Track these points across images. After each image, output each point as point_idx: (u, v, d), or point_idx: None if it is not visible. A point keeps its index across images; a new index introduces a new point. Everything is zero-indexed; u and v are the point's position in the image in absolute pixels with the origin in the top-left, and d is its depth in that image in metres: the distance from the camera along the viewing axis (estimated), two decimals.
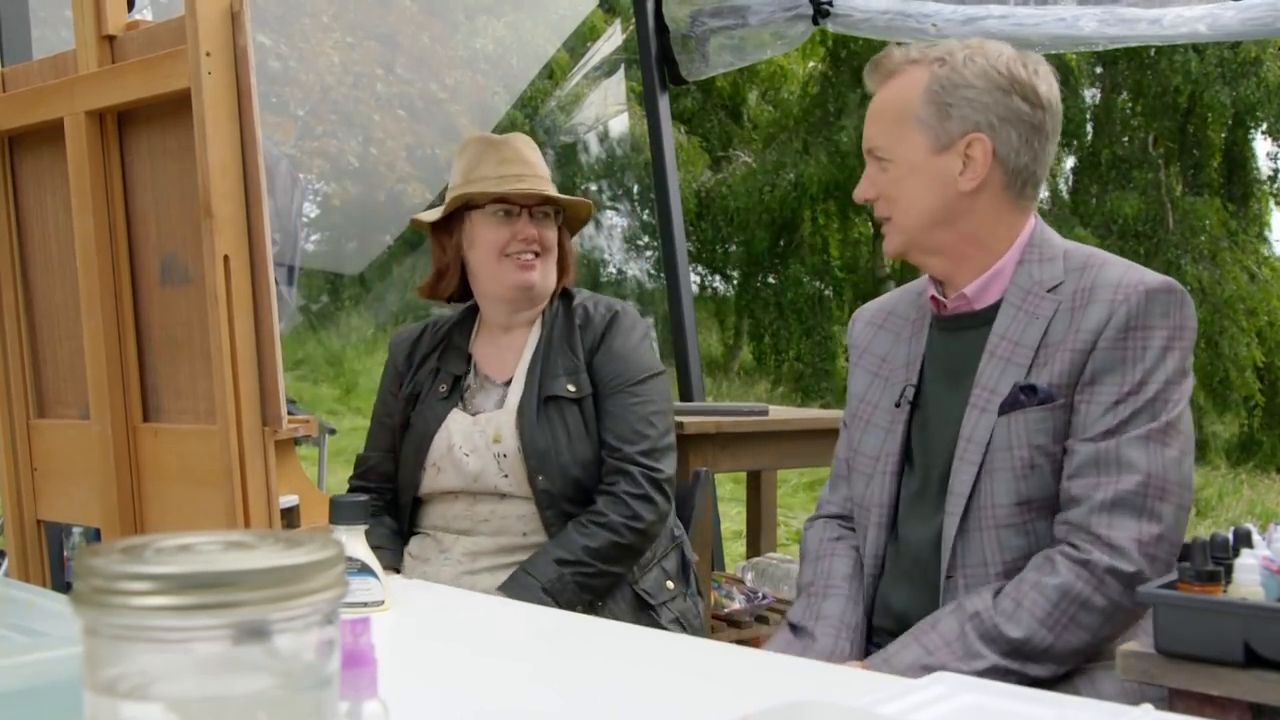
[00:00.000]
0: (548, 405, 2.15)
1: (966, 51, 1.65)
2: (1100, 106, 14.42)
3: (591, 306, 2.27)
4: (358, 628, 0.76)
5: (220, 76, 1.53)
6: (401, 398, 2.30)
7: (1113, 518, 1.53)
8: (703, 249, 14.95)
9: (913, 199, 1.68)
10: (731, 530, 6.00)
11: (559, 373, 2.18)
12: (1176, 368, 1.57)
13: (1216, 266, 13.08)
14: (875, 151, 1.71)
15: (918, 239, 1.70)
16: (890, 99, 1.70)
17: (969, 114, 1.63)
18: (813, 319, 14.16)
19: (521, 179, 2.18)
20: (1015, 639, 1.52)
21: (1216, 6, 3.36)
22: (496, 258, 2.20)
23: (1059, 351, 1.59)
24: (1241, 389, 12.76)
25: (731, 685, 1.20)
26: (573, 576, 2.03)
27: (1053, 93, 1.67)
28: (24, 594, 1.04)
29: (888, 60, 1.71)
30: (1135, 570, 1.52)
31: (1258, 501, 10.26)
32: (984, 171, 1.64)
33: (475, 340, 2.31)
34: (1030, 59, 1.67)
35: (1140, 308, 1.56)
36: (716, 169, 14.76)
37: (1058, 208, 14.37)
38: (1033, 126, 1.65)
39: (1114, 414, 1.55)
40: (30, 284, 1.90)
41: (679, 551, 2.29)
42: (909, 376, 1.74)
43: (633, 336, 2.24)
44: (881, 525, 1.73)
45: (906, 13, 3.84)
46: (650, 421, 2.17)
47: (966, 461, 1.62)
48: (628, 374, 2.19)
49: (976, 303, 1.69)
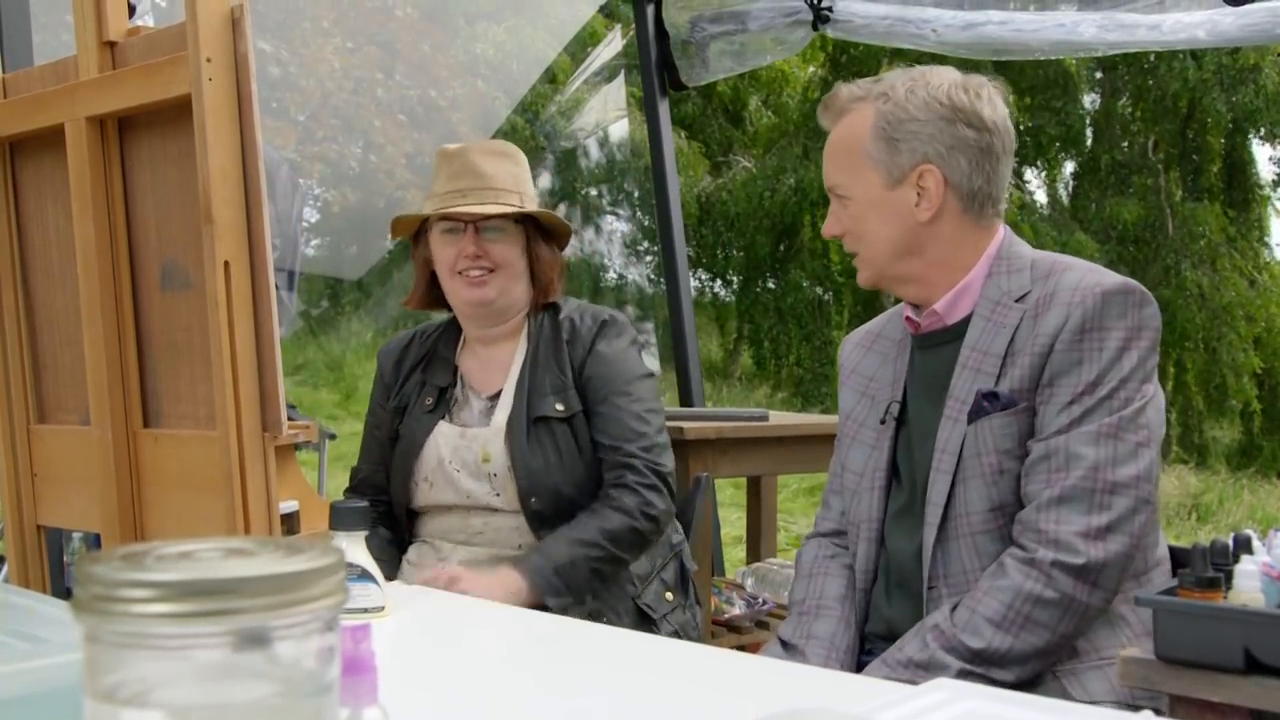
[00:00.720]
0: (537, 426, 2.12)
1: (909, 84, 1.69)
2: (1100, 112, 14.44)
3: (578, 318, 2.23)
4: (358, 634, 0.75)
5: (221, 82, 1.53)
6: (389, 410, 2.28)
7: (1059, 512, 1.54)
8: (703, 254, 14.96)
9: (875, 233, 1.72)
10: (731, 536, 6.00)
11: (546, 391, 2.15)
12: (1135, 367, 1.58)
13: (1215, 272, 13.09)
14: (835, 190, 1.76)
15: (886, 270, 1.74)
16: (841, 138, 1.74)
17: (917, 146, 1.67)
18: (813, 324, 14.17)
19: (465, 194, 2.12)
20: (975, 647, 1.53)
21: (1215, 12, 3.37)
22: (449, 275, 2.17)
23: (1020, 357, 1.62)
24: (1238, 395, 12.76)
25: (730, 692, 1.20)
26: (586, 560, 2.02)
27: (997, 114, 1.70)
28: (24, 600, 1.04)
29: (835, 100, 1.76)
30: (1083, 562, 1.52)
31: (1258, 507, 10.26)
32: (939, 200, 1.68)
33: (461, 351, 2.29)
34: (973, 83, 1.70)
35: (1096, 309, 1.58)
36: (717, 174, 14.77)
37: (1057, 213, 14.39)
38: (981, 150, 1.68)
39: (1067, 413, 1.57)
40: (31, 289, 1.90)
41: (678, 561, 2.28)
42: (894, 394, 1.78)
43: (620, 343, 2.21)
44: (871, 540, 1.75)
45: (906, 19, 3.85)
46: (644, 419, 2.16)
47: (941, 472, 1.65)
48: (618, 379, 2.17)
49: (948, 318, 1.72)
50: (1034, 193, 14.82)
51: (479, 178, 2.14)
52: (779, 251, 14.65)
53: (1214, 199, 13.67)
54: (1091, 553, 1.52)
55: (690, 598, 2.27)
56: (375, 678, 0.77)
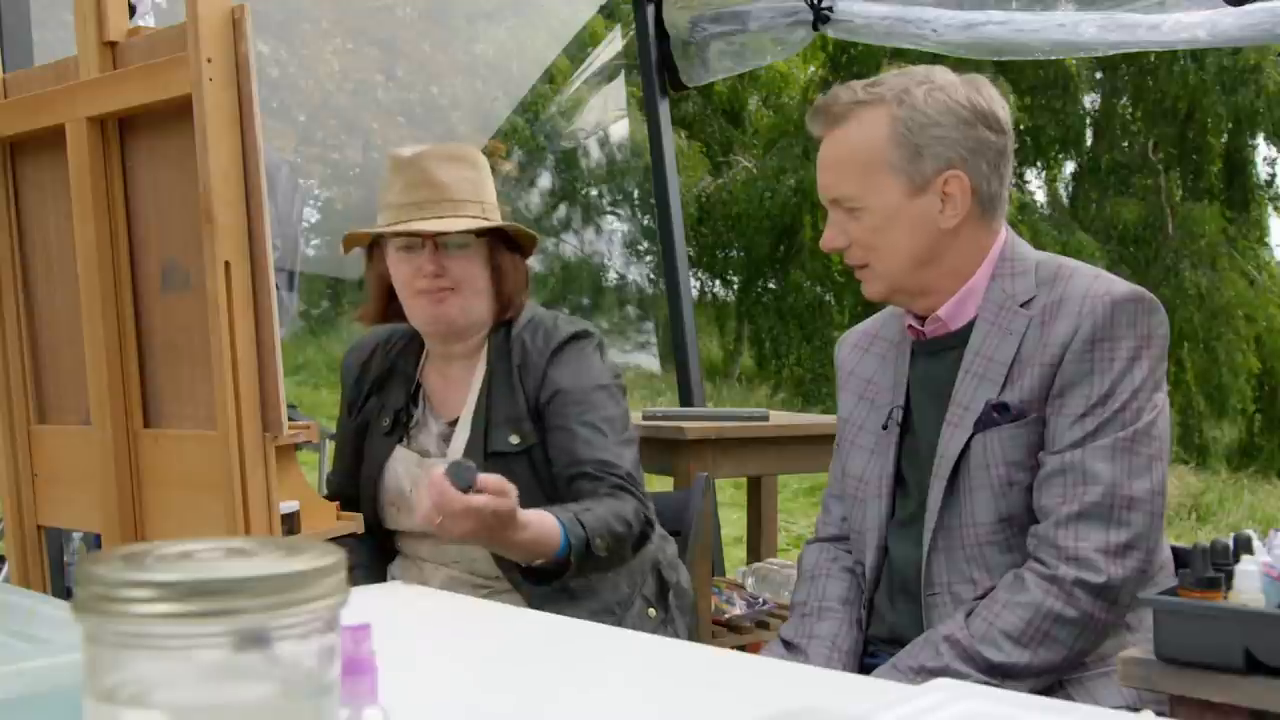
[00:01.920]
0: (493, 460, 2.00)
1: (923, 87, 1.62)
2: (1100, 112, 14.43)
3: (529, 339, 2.08)
4: (358, 634, 0.76)
5: (221, 83, 1.53)
6: (351, 430, 2.21)
7: (1079, 529, 1.53)
8: (703, 254, 14.95)
9: (894, 245, 1.64)
10: (732, 536, 6.00)
11: (500, 422, 2.04)
12: (1145, 377, 1.57)
13: (1215, 272, 13.08)
14: (843, 201, 1.66)
15: (902, 283, 1.68)
16: (849, 146, 1.65)
17: (941, 151, 1.61)
18: (813, 324, 14.17)
19: (422, 207, 1.99)
20: (993, 660, 1.52)
21: (1216, 12, 3.36)
22: (409, 294, 2.06)
23: (1030, 367, 1.59)
24: (1239, 395, 12.75)
25: (730, 692, 1.20)
26: (598, 523, 1.89)
27: (1008, 114, 1.68)
28: (24, 600, 1.04)
29: (834, 104, 1.66)
30: (1104, 580, 1.51)
31: (1258, 507, 10.25)
32: (964, 206, 1.63)
33: (425, 366, 2.19)
34: (978, 85, 1.65)
35: (1106, 319, 1.56)
36: (717, 174, 14.77)
37: (1057, 213, 14.38)
38: (998, 152, 1.65)
39: (1081, 425, 1.55)
40: (31, 289, 1.90)
41: (655, 574, 2.16)
42: (895, 399, 1.74)
43: (576, 363, 2.07)
44: (877, 548, 1.73)
45: (906, 19, 3.84)
46: (598, 428, 2.01)
47: (939, 477, 1.63)
48: (571, 403, 2.04)
49: (952, 323, 1.68)
50: (1034, 193, 14.81)
51: (436, 189, 2.00)
52: (779, 251, 14.65)
53: (1214, 199, 13.66)
54: (1112, 571, 1.52)
55: (670, 611, 2.17)
56: (375, 677, 0.77)
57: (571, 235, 14.25)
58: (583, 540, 1.86)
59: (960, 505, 1.61)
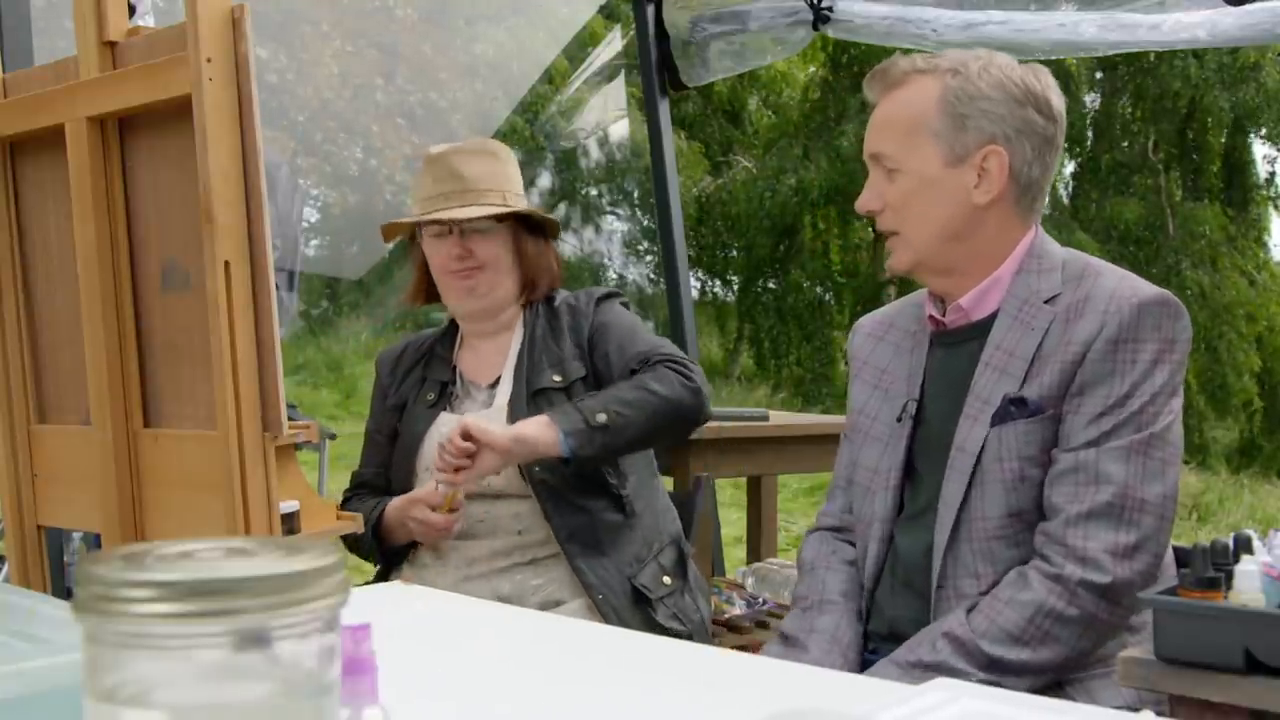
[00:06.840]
0: (536, 398, 2.18)
1: (980, 62, 1.63)
2: (1100, 112, 14.44)
3: (574, 300, 2.31)
4: (358, 634, 0.76)
5: (221, 83, 1.53)
6: (388, 409, 2.35)
7: (1088, 529, 1.52)
8: (703, 254, 14.97)
9: (924, 213, 1.64)
10: (732, 536, 5.99)
11: (544, 367, 2.22)
12: (1165, 381, 1.56)
13: (1216, 272, 13.09)
14: (883, 159, 1.67)
15: (928, 256, 1.67)
16: (900, 108, 1.66)
17: (985, 126, 1.61)
18: (813, 324, 14.18)
19: (448, 198, 2.22)
20: (992, 656, 1.51)
21: (1216, 12, 3.36)
22: (442, 276, 2.28)
23: (1050, 363, 1.58)
24: (1240, 394, 12.76)
25: (730, 692, 1.20)
26: (619, 409, 2.05)
27: (1062, 105, 1.67)
28: (24, 600, 1.04)
29: (893, 69, 1.67)
30: (1109, 581, 1.51)
31: (1258, 507, 10.25)
32: (1000, 185, 1.62)
33: (458, 352, 2.36)
34: (1037, 71, 1.65)
35: (1131, 320, 1.55)
36: (717, 174, 14.78)
37: (1058, 213, 14.38)
38: (1045, 139, 1.64)
39: (1097, 425, 1.54)
40: (31, 289, 1.90)
41: (676, 546, 2.28)
42: (910, 391, 1.73)
43: (619, 309, 2.30)
44: (882, 539, 1.72)
45: (906, 18, 3.84)
46: (642, 337, 2.23)
47: (956, 471, 1.62)
48: (626, 334, 2.24)
49: (974, 314, 1.67)
50: None
51: (460, 180, 2.23)
52: (779, 251, 14.66)
53: (1214, 199, 13.67)
54: (1118, 571, 1.51)
55: (690, 583, 2.26)
56: (375, 677, 0.77)
57: (571, 235, 14.26)
58: (579, 419, 2.03)
59: (970, 499, 1.60)
